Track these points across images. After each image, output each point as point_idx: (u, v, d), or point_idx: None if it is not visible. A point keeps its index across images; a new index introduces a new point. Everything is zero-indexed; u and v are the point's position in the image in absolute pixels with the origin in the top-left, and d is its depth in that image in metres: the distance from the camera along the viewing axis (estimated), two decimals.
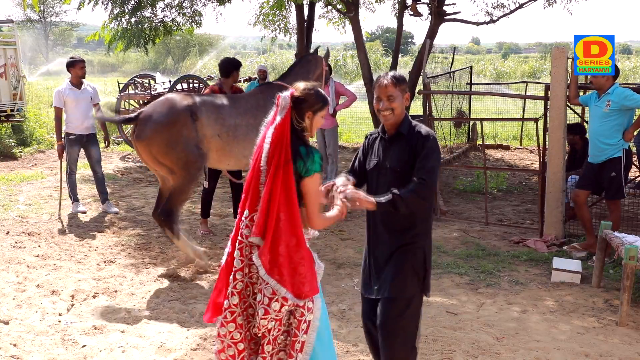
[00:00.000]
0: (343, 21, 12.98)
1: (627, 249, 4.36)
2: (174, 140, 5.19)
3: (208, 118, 5.38)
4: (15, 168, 10.47)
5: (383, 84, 2.96)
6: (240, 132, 5.49)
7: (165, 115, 5.23)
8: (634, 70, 31.19)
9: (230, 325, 2.73)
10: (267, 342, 2.72)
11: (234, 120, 5.54)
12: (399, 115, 2.99)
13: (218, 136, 5.44)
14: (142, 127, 5.21)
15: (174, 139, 5.19)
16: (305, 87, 2.75)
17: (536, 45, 71.63)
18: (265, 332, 2.70)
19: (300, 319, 2.70)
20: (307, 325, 2.71)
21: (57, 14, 46.10)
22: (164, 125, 5.19)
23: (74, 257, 5.74)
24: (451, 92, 10.56)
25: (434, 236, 6.47)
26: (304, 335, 2.71)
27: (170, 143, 5.18)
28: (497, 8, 10.83)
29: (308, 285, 2.66)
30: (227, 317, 2.73)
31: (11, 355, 3.77)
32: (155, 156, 5.25)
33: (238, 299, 2.72)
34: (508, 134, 14.05)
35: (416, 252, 2.97)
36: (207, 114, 5.39)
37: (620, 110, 5.54)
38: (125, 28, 10.57)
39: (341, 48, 38.97)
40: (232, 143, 5.52)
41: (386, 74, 3.02)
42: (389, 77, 2.97)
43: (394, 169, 2.96)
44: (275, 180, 2.61)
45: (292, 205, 2.63)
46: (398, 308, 2.93)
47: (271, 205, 2.61)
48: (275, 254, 2.63)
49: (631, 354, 3.92)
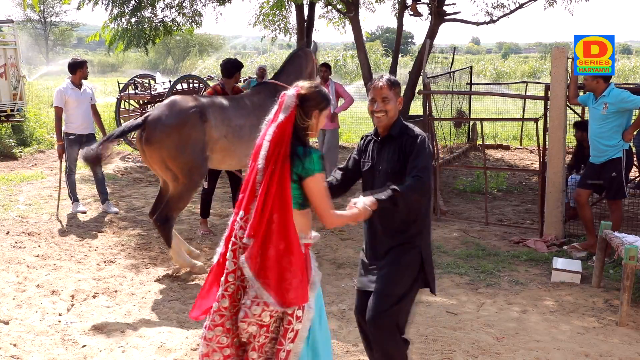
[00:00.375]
0: (343, 21, 12.99)
1: (627, 249, 4.36)
2: (184, 143, 5.15)
3: (215, 119, 5.38)
4: (15, 168, 10.48)
5: (378, 85, 3.02)
6: (244, 133, 5.50)
7: (175, 117, 5.19)
8: (634, 70, 31.18)
9: (218, 329, 2.66)
10: (252, 349, 2.65)
11: (238, 121, 5.55)
12: (392, 118, 3.04)
13: (224, 137, 5.43)
14: (151, 131, 5.14)
15: (184, 142, 5.15)
16: (311, 85, 2.72)
17: (536, 45, 71.67)
18: (250, 338, 2.63)
19: (287, 327, 2.62)
20: (294, 335, 2.63)
21: (57, 14, 46.12)
22: (174, 128, 5.15)
23: (74, 257, 5.74)
24: (451, 92, 10.56)
25: (434, 236, 6.51)
26: (289, 344, 2.63)
27: (180, 146, 5.14)
28: (497, 8, 10.86)
29: (294, 292, 2.56)
30: (215, 320, 2.66)
31: (11, 355, 3.77)
32: (165, 160, 5.18)
33: (228, 302, 2.65)
34: (508, 134, 14.05)
35: (412, 251, 3.01)
36: (214, 115, 5.39)
37: (618, 112, 5.54)
38: (125, 28, 10.58)
39: (341, 48, 39.01)
40: (237, 144, 5.51)
41: (381, 76, 3.09)
42: (384, 80, 3.04)
43: (387, 170, 3.01)
44: (271, 180, 2.56)
45: (286, 207, 2.56)
46: (388, 303, 2.96)
47: (265, 206, 2.55)
48: (264, 256, 2.55)
49: (631, 354, 3.92)
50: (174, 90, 11.42)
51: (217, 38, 47.58)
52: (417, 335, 4.06)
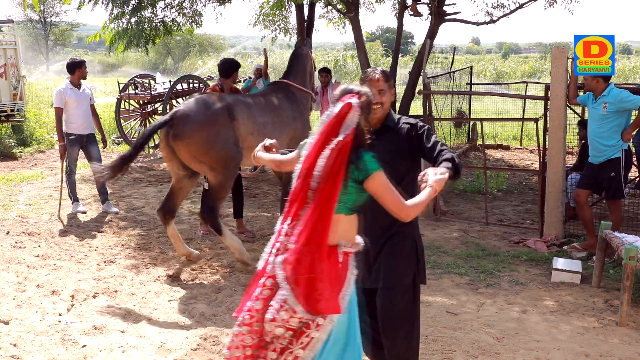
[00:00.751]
0: (343, 21, 12.98)
1: (627, 249, 4.36)
2: (214, 139, 5.27)
3: (243, 117, 5.52)
4: (15, 168, 10.48)
5: (375, 77, 3.05)
6: (268, 130, 5.61)
7: (204, 114, 5.31)
8: (634, 70, 31.17)
9: (245, 328, 2.61)
10: (272, 349, 2.59)
11: (263, 118, 5.72)
12: (386, 110, 3.08)
13: (252, 134, 5.55)
14: (181, 127, 5.22)
15: (214, 138, 5.27)
16: (364, 92, 2.62)
17: (536, 45, 71.66)
18: (274, 339, 2.58)
19: (304, 330, 2.54)
20: (308, 340, 2.54)
21: (57, 14, 46.15)
22: (204, 124, 5.26)
23: (74, 257, 5.74)
24: (451, 92, 10.56)
25: (434, 236, 6.52)
26: (299, 350, 2.55)
27: (210, 141, 5.25)
28: (497, 8, 10.85)
29: (325, 302, 2.49)
30: (244, 319, 2.61)
31: (11, 355, 3.77)
32: (195, 155, 5.29)
33: (261, 305, 2.58)
34: (508, 134, 14.05)
35: (406, 241, 3.04)
36: (242, 113, 5.53)
37: (617, 112, 5.54)
38: (126, 28, 10.57)
39: (341, 48, 39.02)
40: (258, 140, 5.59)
41: (375, 69, 3.12)
42: (379, 72, 3.08)
43: (384, 161, 2.97)
44: (324, 190, 2.49)
45: (328, 216, 2.51)
46: (396, 296, 2.98)
47: (313, 214, 2.49)
48: (299, 263, 2.49)
49: (631, 354, 3.92)
50: (174, 90, 11.43)
51: (217, 38, 47.58)
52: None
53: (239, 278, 5.23)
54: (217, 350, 3.89)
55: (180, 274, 5.35)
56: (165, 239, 6.33)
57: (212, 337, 4.05)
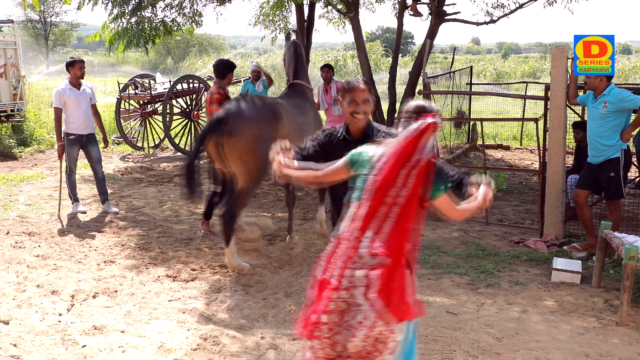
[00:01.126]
0: (343, 21, 12.98)
1: (627, 249, 4.36)
2: (262, 137, 5.22)
3: (284, 118, 5.56)
4: (15, 168, 10.48)
5: (360, 87, 3.10)
6: (302, 131, 5.60)
7: (256, 112, 5.35)
8: (634, 70, 31.18)
9: (325, 342, 2.61)
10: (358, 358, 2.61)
11: (296, 119, 5.75)
12: (367, 120, 3.14)
13: (289, 135, 5.50)
14: (234, 123, 5.20)
15: (262, 136, 5.23)
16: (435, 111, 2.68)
17: (536, 45, 71.70)
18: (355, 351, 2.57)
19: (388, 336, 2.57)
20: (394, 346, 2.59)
21: (57, 14, 46.07)
22: (257, 121, 5.29)
23: (74, 257, 5.74)
24: (451, 92, 10.57)
25: (434, 236, 6.53)
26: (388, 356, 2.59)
27: (260, 140, 5.23)
28: (497, 8, 10.84)
29: (411, 308, 2.59)
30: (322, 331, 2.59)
31: (11, 355, 3.78)
32: (242, 153, 5.25)
33: (339, 318, 2.57)
34: (508, 134, 14.05)
35: None
36: (283, 114, 5.57)
37: (617, 112, 5.53)
38: (126, 28, 10.57)
39: (341, 48, 39.00)
40: (295, 142, 5.60)
41: (357, 79, 3.17)
42: (362, 82, 3.13)
43: None
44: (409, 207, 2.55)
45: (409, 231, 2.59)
46: None
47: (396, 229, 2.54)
48: (390, 278, 2.53)
49: (631, 354, 3.92)
50: (174, 90, 11.44)
51: (217, 38, 47.56)
52: (417, 335, 4.06)
53: (239, 278, 5.23)
54: (217, 350, 3.89)
55: (180, 274, 5.34)
56: (165, 239, 6.34)
57: (212, 337, 4.05)
